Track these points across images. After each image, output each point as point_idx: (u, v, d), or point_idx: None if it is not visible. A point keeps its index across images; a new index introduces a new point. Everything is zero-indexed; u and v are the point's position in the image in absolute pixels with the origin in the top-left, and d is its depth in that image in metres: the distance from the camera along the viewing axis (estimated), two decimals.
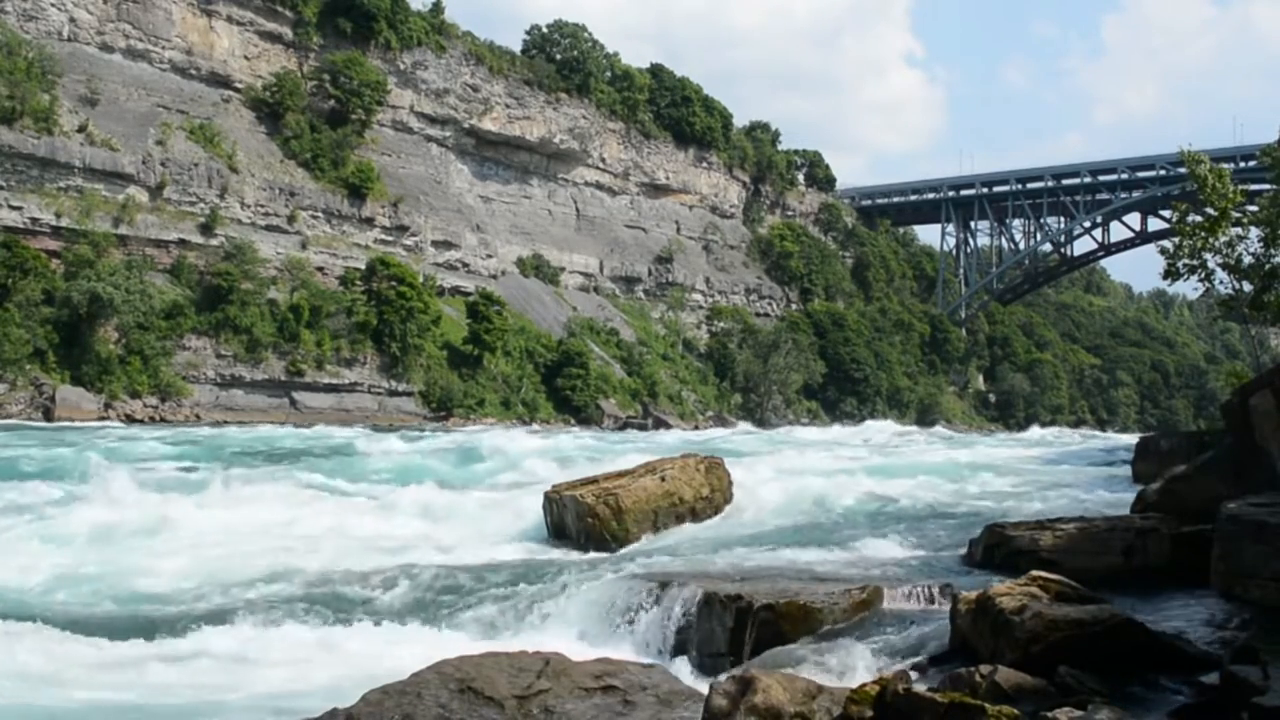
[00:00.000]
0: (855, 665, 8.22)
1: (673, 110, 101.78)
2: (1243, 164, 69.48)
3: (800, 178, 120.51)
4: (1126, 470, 22.24)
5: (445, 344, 71.37)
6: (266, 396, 60.72)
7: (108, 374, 53.12)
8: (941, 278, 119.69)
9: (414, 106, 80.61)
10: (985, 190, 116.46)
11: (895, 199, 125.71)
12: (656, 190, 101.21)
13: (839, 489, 19.82)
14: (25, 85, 55.01)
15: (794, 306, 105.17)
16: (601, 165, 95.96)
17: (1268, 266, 23.21)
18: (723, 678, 7.34)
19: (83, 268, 53.97)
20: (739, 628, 9.36)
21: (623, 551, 14.06)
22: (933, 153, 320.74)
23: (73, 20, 62.44)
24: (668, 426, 71.18)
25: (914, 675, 7.47)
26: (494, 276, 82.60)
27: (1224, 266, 23.63)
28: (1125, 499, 15.57)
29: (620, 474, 16.33)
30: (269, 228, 66.28)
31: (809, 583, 10.45)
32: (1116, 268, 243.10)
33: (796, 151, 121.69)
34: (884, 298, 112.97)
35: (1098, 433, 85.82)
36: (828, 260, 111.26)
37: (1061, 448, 43.56)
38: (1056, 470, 26.61)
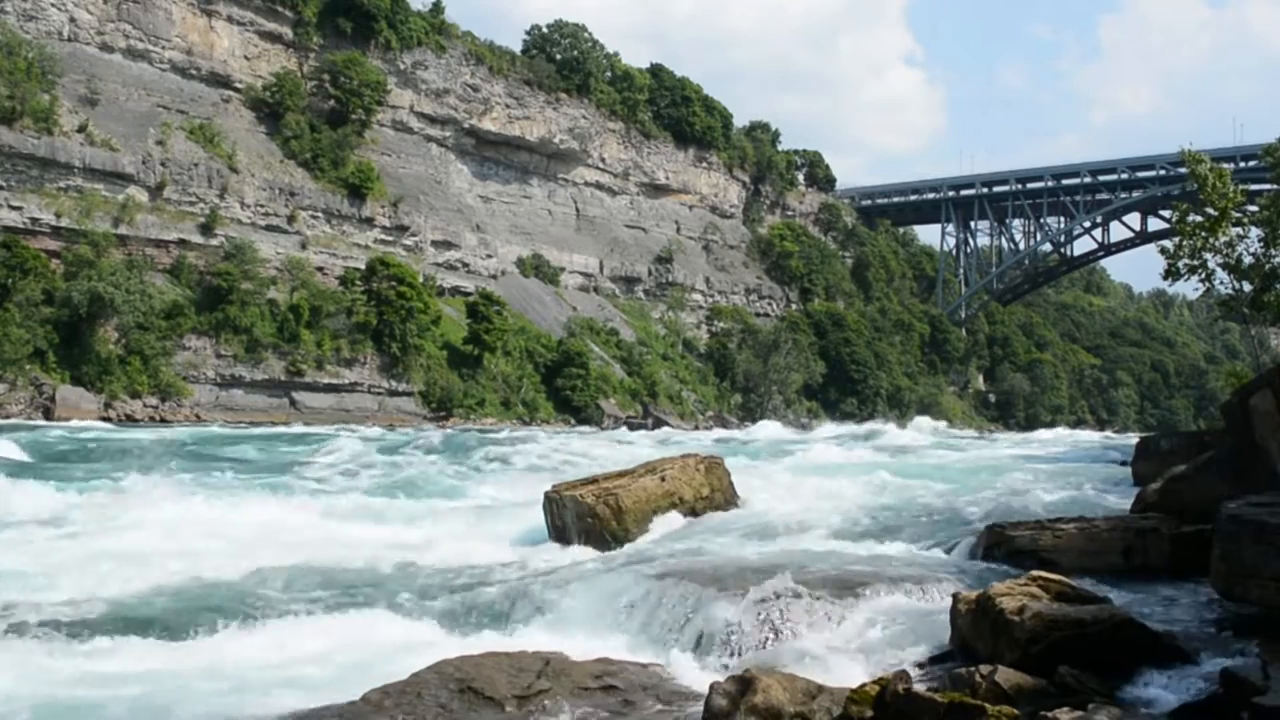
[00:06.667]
0: (855, 665, 8.22)
1: (673, 110, 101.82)
2: (1243, 164, 69.53)
3: (800, 178, 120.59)
4: (1126, 470, 22.21)
5: (445, 344, 71.39)
6: (266, 396, 60.73)
7: (108, 374, 53.13)
8: (941, 278, 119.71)
9: (414, 106, 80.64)
10: (985, 190, 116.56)
11: (895, 199, 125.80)
12: (656, 190, 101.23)
13: (839, 488, 19.82)
14: (25, 85, 55.03)
15: (794, 306, 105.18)
16: (601, 165, 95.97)
17: (1268, 266, 23.22)
18: (723, 677, 7.34)
19: (83, 268, 53.99)
20: (739, 627, 9.36)
21: (623, 551, 14.05)
22: (933, 153, 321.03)
23: (73, 20, 62.46)
24: (667, 426, 71.16)
25: (914, 675, 7.46)
26: (494, 276, 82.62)
27: (1224, 266, 23.63)
28: (1125, 499, 15.56)
29: (620, 474, 16.32)
30: (269, 228, 66.29)
31: (809, 581, 10.45)
32: (1116, 268, 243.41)
33: (796, 151, 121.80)
34: (884, 298, 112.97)
35: (1098, 433, 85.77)
36: (828, 260, 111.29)
37: (1060, 447, 43.57)
38: (1056, 470, 26.58)
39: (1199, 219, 23.72)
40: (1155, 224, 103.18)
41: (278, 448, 32.94)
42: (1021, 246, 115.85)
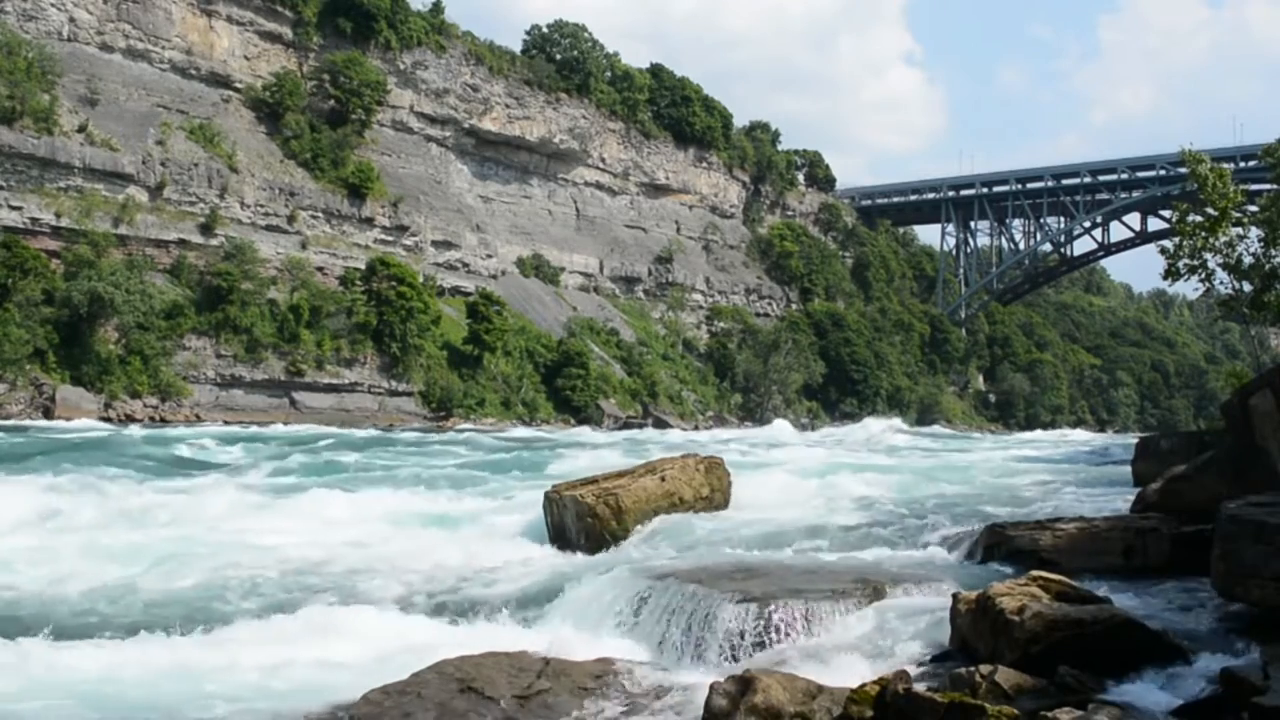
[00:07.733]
0: (855, 665, 8.22)
1: (673, 110, 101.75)
2: (1243, 164, 69.52)
3: (800, 178, 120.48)
4: (1126, 470, 22.21)
5: (445, 344, 71.34)
6: (266, 396, 60.69)
7: (108, 374, 53.09)
8: (941, 278, 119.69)
9: (414, 106, 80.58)
10: (985, 190, 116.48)
11: (895, 199, 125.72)
12: (656, 190, 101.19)
13: (839, 488, 19.82)
14: (25, 85, 54.96)
15: (794, 306, 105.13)
16: (601, 165, 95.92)
17: (1268, 266, 23.19)
18: (723, 677, 7.34)
19: (83, 268, 53.92)
20: (739, 627, 9.36)
21: (623, 551, 14.05)
22: (933, 153, 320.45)
23: (73, 20, 62.41)
24: (667, 426, 71.18)
25: (914, 675, 7.47)
26: (494, 276, 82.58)
27: (1224, 266, 23.60)
28: (1125, 499, 15.57)
29: (620, 474, 16.32)
30: (269, 228, 66.24)
31: (809, 582, 10.45)
32: (1116, 268, 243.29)
33: (796, 151, 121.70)
34: (884, 298, 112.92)
35: (1099, 434, 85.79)
36: (828, 260, 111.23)
37: (1060, 448, 43.57)
38: (1056, 470, 26.60)
39: (1199, 219, 23.68)
40: (1155, 224, 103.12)
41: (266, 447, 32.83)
42: (1021, 246, 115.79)
